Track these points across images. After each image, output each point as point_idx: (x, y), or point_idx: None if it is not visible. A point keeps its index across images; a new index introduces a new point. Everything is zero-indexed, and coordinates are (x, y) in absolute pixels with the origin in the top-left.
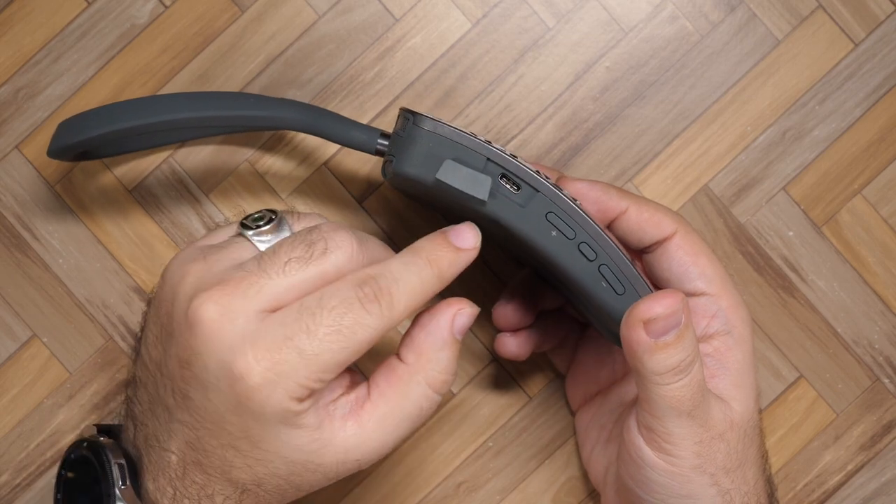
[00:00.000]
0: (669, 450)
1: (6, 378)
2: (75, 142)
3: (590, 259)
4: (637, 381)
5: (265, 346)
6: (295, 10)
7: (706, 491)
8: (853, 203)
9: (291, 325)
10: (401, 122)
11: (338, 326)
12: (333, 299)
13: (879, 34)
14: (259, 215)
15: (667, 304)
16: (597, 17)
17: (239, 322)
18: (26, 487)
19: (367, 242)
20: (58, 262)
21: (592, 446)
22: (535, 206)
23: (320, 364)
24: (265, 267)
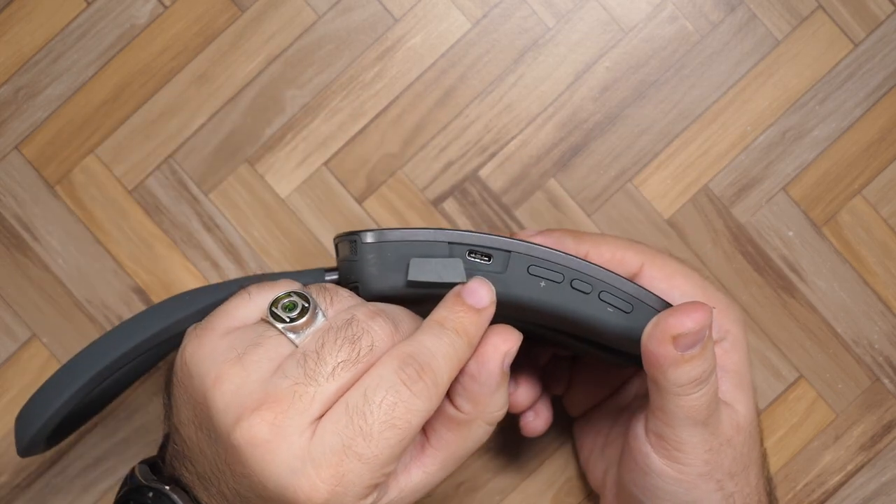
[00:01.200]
0: (679, 458)
1: (6, 378)
2: (46, 419)
3: (586, 293)
4: (654, 391)
5: (326, 463)
6: (295, 10)
7: (711, 496)
8: (853, 203)
9: (344, 431)
10: (346, 248)
11: (391, 420)
12: (380, 391)
13: (879, 34)
14: (290, 302)
15: (697, 318)
16: (597, 17)
17: (294, 440)
18: (26, 487)
19: (399, 322)
20: (58, 262)
21: (590, 451)
22: (514, 266)
23: (382, 462)
24: (313, 374)
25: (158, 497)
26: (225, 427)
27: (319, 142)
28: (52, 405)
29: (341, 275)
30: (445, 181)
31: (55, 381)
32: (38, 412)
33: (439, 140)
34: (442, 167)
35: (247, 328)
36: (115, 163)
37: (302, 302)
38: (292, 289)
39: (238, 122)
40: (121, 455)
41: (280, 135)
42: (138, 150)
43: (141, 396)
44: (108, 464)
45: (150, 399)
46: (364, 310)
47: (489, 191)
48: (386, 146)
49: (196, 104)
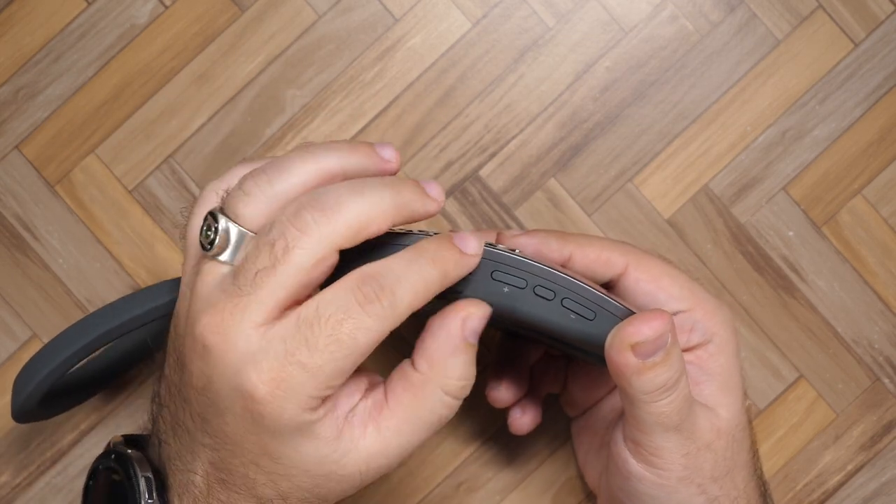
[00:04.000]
0: (656, 462)
1: (6, 378)
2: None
3: (549, 299)
4: (623, 398)
5: (267, 365)
6: (295, 10)
7: (694, 499)
8: (853, 203)
9: (290, 339)
10: None
11: (336, 335)
12: (330, 307)
13: (879, 34)
14: (206, 230)
15: (655, 326)
16: (597, 17)
17: (239, 343)
18: (26, 487)
19: (334, 203)
20: (58, 262)
21: (587, 451)
22: (478, 270)
23: (325, 375)
24: (239, 284)
25: (120, 458)
26: (186, 339)
27: (319, 142)
28: (44, 370)
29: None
30: (446, 181)
31: (49, 348)
32: (30, 376)
33: (439, 140)
34: (442, 167)
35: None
36: (115, 163)
37: (214, 225)
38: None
39: (238, 122)
40: None
41: (280, 135)
42: (138, 150)
43: (141, 396)
44: None
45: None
46: (290, 209)
47: (489, 190)
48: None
49: (196, 104)
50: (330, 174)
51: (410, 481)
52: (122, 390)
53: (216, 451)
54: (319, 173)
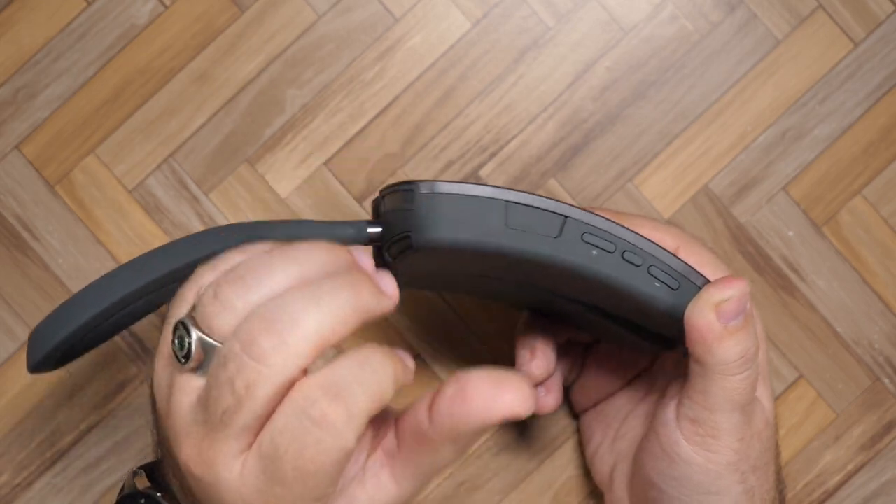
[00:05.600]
0: (711, 445)
1: (6, 378)
2: (58, 342)
3: (637, 265)
4: (697, 373)
5: (253, 500)
6: (295, 10)
7: (733, 488)
8: (853, 203)
9: (261, 477)
10: (399, 198)
11: (301, 466)
12: (285, 438)
13: (879, 34)
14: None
15: (738, 286)
16: (597, 17)
17: (222, 475)
18: (26, 487)
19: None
20: (58, 262)
21: (598, 445)
22: (569, 231)
23: (308, 497)
24: (210, 420)
25: (150, 502)
26: (167, 439)
27: (319, 142)
28: (66, 328)
29: (387, 226)
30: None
31: (72, 303)
32: (51, 333)
33: (439, 140)
34: (442, 167)
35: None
36: (115, 163)
37: (187, 339)
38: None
39: (238, 122)
40: (121, 455)
41: (280, 135)
42: (138, 150)
43: (142, 396)
44: (108, 464)
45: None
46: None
47: None
48: (386, 146)
49: (196, 104)
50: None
51: None
52: (122, 390)
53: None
54: (301, 283)
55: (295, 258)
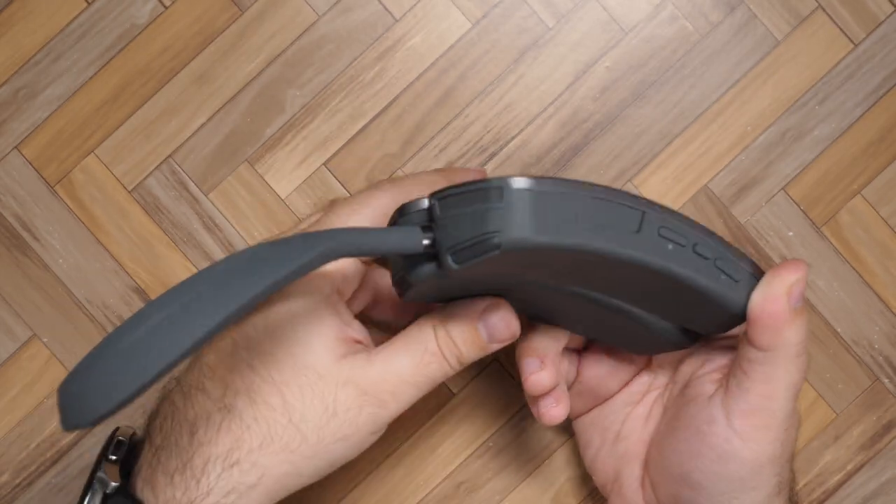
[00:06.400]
0: (763, 437)
1: (6, 378)
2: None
3: (707, 258)
4: (756, 361)
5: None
6: (295, 10)
7: (770, 481)
8: (853, 203)
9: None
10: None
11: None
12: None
13: (879, 34)
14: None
15: (803, 268)
16: (597, 17)
17: None
18: (26, 487)
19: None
20: (58, 262)
21: (597, 449)
22: (647, 227)
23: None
24: None
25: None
26: None
27: (319, 142)
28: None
29: (451, 231)
30: None
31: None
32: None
33: (439, 140)
34: (442, 167)
35: None
36: (115, 163)
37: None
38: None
39: (238, 122)
40: None
41: (280, 135)
42: (138, 150)
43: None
44: None
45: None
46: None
47: None
48: (386, 146)
49: (196, 104)
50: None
51: (410, 481)
52: None
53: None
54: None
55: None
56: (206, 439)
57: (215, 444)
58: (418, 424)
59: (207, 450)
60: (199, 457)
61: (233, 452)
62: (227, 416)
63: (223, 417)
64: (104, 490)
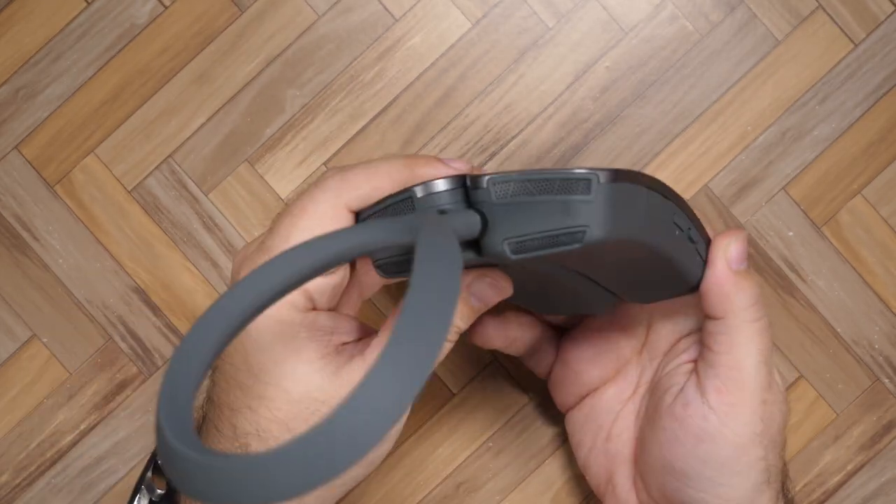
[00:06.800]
0: (738, 410)
1: (6, 378)
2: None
3: (694, 242)
4: (718, 333)
5: (247, 257)
6: (295, 10)
7: (756, 465)
8: (853, 203)
9: (265, 232)
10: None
11: (292, 212)
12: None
13: (879, 34)
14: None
15: (737, 232)
16: (597, 17)
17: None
18: (26, 487)
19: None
20: (58, 262)
21: (589, 448)
22: (661, 211)
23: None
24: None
25: None
26: None
27: (319, 142)
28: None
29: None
30: None
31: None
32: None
33: (439, 140)
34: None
35: None
36: (115, 163)
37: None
38: None
39: (238, 122)
40: (121, 455)
41: (280, 135)
42: (138, 150)
43: (142, 395)
44: (108, 464)
45: (150, 399)
46: None
47: None
48: (386, 146)
49: (196, 104)
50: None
51: (410, 481)
52: (122, 390)
53: (213, 383)
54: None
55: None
56: None
57: None
58: (418, 424)
59: None
60: None
61: None
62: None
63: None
64: (151, 496)
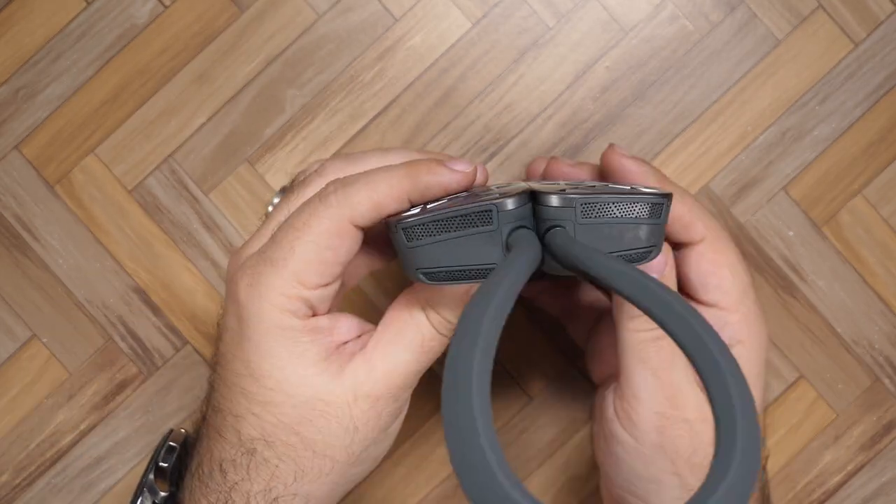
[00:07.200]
0: (634, 418)
1: (6, 378)
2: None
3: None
4: (616, 332)
5: (249, 267)
6: (295, 10)
7: (668, 479)
8: (853, 203)
9: (266, 242)
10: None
11: (294, 224)
12: (297, 209)
13: (879, 34)
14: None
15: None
16: (597, 17)
17: (237, 259)
18: (26, 487)
19: (361, 157)
20: (58, 262)
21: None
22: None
23: (291, 268)
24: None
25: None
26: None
27: (319, 142)
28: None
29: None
30: None
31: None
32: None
33: (439, 140)
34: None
35: None
36: (115, 163)
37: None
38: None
39: (238, 122)
40: (121, 455)
41: (280, 135)
42: (138, 150)
43: (142, 395)
44: (108, 464)
45: (150, 399)
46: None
47: None
48: (386, 146)
49: (196, 104)
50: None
51: (410, 481)
52: (122, 390)
53: (213, 388)
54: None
55: (385, 154)
56: (238, 478)
57: (249, 481)
58: (418, 424)
59: (243, 486)
60: (237, 493)
61: (271, 490)
62: (252, 459)
63: (248, 461)
64: (154, 498)
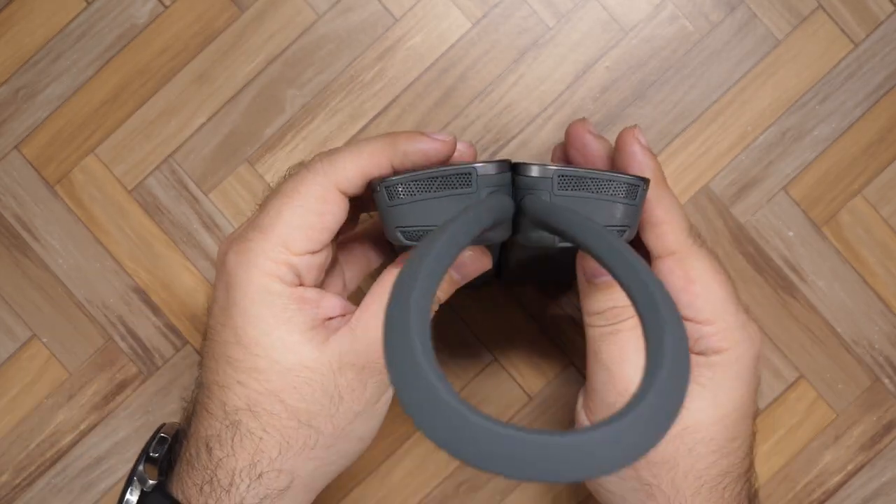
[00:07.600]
0: (594, 412)
1: (6, 378)
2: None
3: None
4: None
5: (238, 235)
6: (295, 10)
7: (625, 483)
8: (853, 203)
9: (255, 212)
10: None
11: (280, 191)
12: (287, 178)
13: (879, 34)
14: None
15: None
16: (597, 17)
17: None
18: (26, 487)
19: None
20: (58, 262)
21: None
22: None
23: (278, 232)
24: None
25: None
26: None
27: (319, 142)
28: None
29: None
30: None
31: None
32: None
33: None
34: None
35: None
36: (115, 163)
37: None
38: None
39: (238, 122)
40: (121, 455)
41: (280, 135)
42: (138, 150)
43: (141, 395)
44: (108, 464)
45: (150, 399)
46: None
47: None
48: None
49: (196, 104)
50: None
51: (410, 481)
52: (122, 390)
53: (201, 367)
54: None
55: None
56: (224, 454)
57: (234, 457)
58: None
59: (228, 463)
60: (222, 470)
61: (255, 465)
62: (237, 432)
63: (233, 434)
64: (143, 487)
